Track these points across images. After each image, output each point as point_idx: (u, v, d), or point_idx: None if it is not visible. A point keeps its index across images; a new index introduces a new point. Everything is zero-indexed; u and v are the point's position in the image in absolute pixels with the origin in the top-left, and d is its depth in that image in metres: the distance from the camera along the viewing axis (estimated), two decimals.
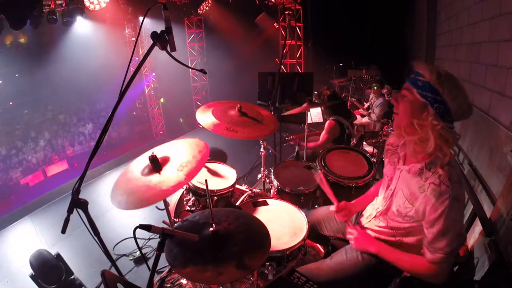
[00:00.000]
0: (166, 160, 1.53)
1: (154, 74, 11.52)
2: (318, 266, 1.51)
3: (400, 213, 1.34)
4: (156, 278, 2.18)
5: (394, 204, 1.37)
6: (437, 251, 1.20)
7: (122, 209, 1.35)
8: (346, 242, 1.59)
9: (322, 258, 1.78)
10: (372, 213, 1.53)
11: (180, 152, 1.59)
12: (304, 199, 2.20)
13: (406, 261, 1.33)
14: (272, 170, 2.40)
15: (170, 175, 1.43)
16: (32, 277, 2.11)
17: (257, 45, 10.06)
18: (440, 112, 1.14)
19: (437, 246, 1.20)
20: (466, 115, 1.19)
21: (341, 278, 1.43)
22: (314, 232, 1.77)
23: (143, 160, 1.57)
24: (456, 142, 1.22)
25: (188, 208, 2.17)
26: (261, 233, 1.37)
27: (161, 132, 12.33)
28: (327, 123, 3.23)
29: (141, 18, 8.12)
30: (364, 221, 1.58)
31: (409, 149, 1.28)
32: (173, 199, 2.40)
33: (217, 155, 3.44)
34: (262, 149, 2.57)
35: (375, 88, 4.96)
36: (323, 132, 3.20)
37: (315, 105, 2.57)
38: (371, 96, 5.21)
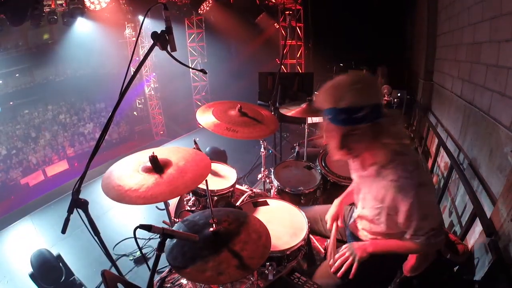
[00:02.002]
0: (167, 163, 1.50)
1: (154, 74, 11.53)
2: (321, 274, 1.50)
3: (372, 215, 1.35)
4: (156, 278, 2.18)
5: (366, 208, 1.40)
6: (418, 236, 1.22)
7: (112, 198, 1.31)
8: (343, 242, 1.59)
9: (322, 258, 1.78)
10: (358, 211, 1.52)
11: (181, 158, 1.55)
12: (304, 199, 2.20)
13: (398, 247, 1.33)
14: (272, 170, 2.40)
15: (172, 179, 1.40)
16: (31, 276, 2.11)
17: (257, 45, 10.06)
18: (371, 118, 1.12)
19: (420, 232, 1.21)
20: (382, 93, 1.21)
21: (341, 279, 1.43)
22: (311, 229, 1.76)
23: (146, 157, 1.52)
24: (400, 126, 1.22)
25: (188, 208, 2.17)
26: (261, 233, 1.37)
27: (161, 132, 12.34)
28: None
29: (141, 18, 8.13)
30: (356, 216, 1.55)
31: (362, 158, 1.32)
32: (173, 199, 2.40)
33: (217, 155, 3.44)
34: (262, 149, 2.56)
35: None
36: None
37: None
38: None
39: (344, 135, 1.18)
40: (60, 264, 2.28)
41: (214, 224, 1.34)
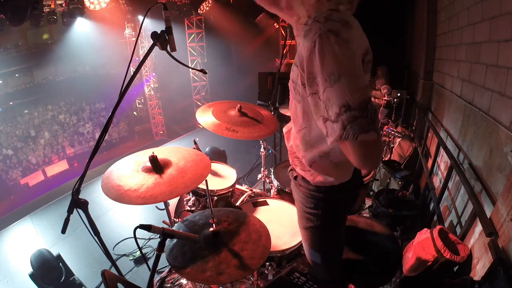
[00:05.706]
0: (167, 163, 1.50)
1: (154, 74, 11.54)
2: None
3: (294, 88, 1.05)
4: (156, 278, 2.18)
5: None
6: (335, 117, 0.79)
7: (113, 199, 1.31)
8: None
9: None
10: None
11: (181, 158, 1.55)
12: None
13: None
14: (272, 170, 2.40)
15: (172, 179, 1.40)
16: (31, 276, 2.11)
17: (257, 45, 10.06)
18: None
19: (333, 108, 0.80)
20: None
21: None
22: None
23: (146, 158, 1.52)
24: None
25: (188, 208, 2.17)
26: (261, 233, 1.37)
27: (161, 132, 12.35)
28: None
29: (140, 18, 8.13)
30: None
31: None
32: (173, 199, 2.40)
33: (217, 155, 3.44)
34: (262, 149, 2.56)
35: None
36: None
37: None
38: None
39: None
40: (60, 264, 2.28)
41: (214, 224, 1.34)
